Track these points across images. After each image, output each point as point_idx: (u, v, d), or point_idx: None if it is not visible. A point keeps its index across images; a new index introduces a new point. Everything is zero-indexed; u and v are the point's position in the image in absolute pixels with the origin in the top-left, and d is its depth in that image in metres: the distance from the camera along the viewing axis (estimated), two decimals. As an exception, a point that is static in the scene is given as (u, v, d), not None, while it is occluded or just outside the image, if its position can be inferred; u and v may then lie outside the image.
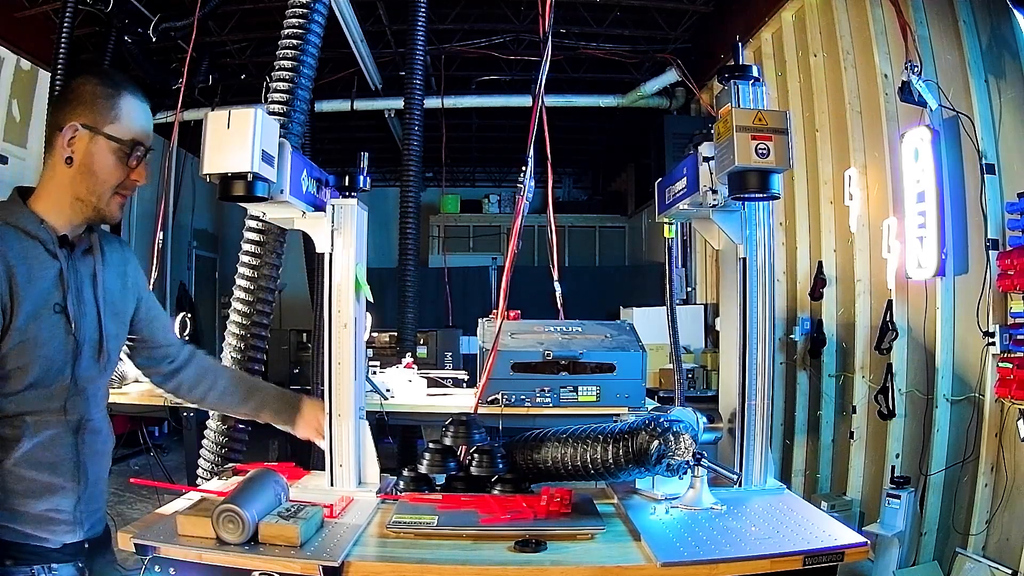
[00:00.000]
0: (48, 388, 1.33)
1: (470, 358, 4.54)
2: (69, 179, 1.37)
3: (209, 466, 3.17)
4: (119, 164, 1.39)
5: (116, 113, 1.38)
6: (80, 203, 1.38)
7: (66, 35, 5.34)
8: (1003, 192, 3.27)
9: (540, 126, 2.66)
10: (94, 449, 1.42)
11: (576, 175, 12.33)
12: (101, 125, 1.37)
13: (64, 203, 1.38)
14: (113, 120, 1.38)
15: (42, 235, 1.34)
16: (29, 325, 1.29)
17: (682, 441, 1.72)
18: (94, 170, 1.37)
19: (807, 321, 4.73)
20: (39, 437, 1.32)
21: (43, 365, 1.31)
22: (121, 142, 1.39)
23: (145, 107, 1.44)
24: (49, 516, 1.34)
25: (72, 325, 1.35)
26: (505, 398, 3.14)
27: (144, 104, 1.44)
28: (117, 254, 1.52)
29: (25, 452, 1.30)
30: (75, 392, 1.37)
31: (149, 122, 1.45)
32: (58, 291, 1.34)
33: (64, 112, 1.37)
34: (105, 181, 1.39)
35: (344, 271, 1.89)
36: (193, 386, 1.76)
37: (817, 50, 4.68)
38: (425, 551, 1.51)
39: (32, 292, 1.30)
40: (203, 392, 1.78)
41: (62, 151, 1.37)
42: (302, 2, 3.25)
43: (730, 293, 2.05)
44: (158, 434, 6.27)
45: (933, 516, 3.53)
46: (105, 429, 1.46)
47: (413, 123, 5.34)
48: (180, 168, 7.43)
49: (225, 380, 1.84)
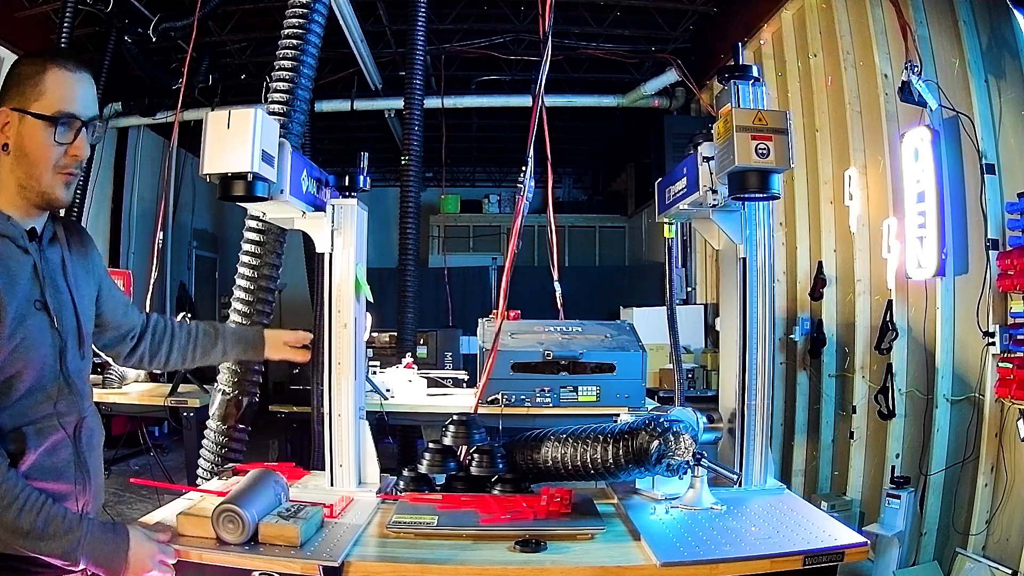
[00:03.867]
0: (45, 391, 1.30)
1: (470, 358, 4.53)
2: (10, 167, 1.31)
3: (209, 466, 3.18)
4: (50, 142, 1.31)
5: (41, 89, 1.30)
6: (24, 190, 1.32)
7: (66, 35, 5.33)
8: (1003, 192, 3.27)
9: (540, 126, 2.66)
10: (91, 445, 1.40)
11: (576, 175, 12.33)
12: (28, 104, 1.30)
13: (14, 194, 1.32)
14: (39, 96, 1.30)
15: (10, 231, 1.29)
16: (17, 329, 1.25)
17: (682, 441, 1.72)
18: (27, 152, 1.30)
19: (807, 321, 4.73)
20: (42, 445, 1.29)
21: (36, 367, 1.28)
22: (47, 118, 1.30)
23: (79, 76, 1.35)
24: None
25: (54, 320, 1.32)
26: (505, 398, 3.14)
27: (77, 74, 1.34)
28: (77, 239, 1.47)
29: (32, 464, 1.27)
30: (67, 389, 1.34)
31: (86, 91, 1.36)
32: (36, 287, 1.31)
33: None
34: (40, 161, 1.31)
35: (344, 271, 1.89)
36: (154, 353, 1.71)
37: (817, 50, 4.68)
38: (425, 551, 1.51)
39: (16, 293, 1.26)
40: (164, 356, 1.73)
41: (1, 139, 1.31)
42: (302, 2, 3.25)
43: (730, 293, 2.05)
44: (158, 434, 6.27)
45: (933, 516, 3.53)
46: (96, 423, 1.44)
47: (413, 123, 5.34)
48: (180, 168, 7.45)
49: (182, 338, 1.77)
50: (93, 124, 1.38)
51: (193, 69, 6.39)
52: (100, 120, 1.41)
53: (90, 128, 1.37)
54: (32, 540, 1.23)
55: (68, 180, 1.36)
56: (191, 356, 1.78)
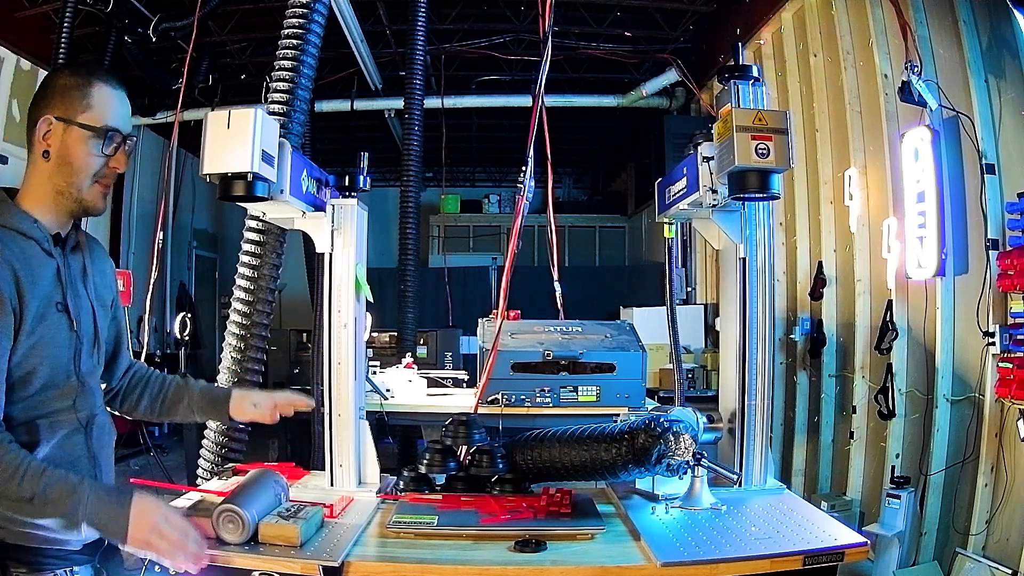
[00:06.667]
0: (59, 388, 1.34)
1: (470, 358, 4.53)
2: (48, 173, 1.36)
3: (209, 466, 3.17)
4: (96, 152, 1.38)
5: (88, 102, 1.37)
6: (61, 196, 1.37)
7: (66, 35, 5.33)
8: (1003, 192, 3.27)
9: (540, 126, 2.66)
10: (102, 443, 1.44)
11: (576, 175, 12.33)
12: (74, 115, 1.36)
13: (48, 199, 1.37)
14: (86, 109, 1.36)
15: (36, 234, 1.34)
16: (36, 327, 1.29)
17: (682, 441, 1.72)
18: (71, 160, 1.36)
19: (807, 321, 4.73)
20: (55, 438, 1.33)
21: (52, 365, 1.32)
22: (95, 130, 1.37)
23: (120, 95, 1.42)
24: None
25: (74, 323, 1.36)
26: (505, 398, 3.14)
27: (119, 92, 1.42)
28: (98, 251, 1.53)
29: (45, 456, 1.30)
30: (81, 389, 1.38)
31: (125, 109, 1.43)
32: (58, 289, 1.35)
33: (39, 108, 1.37)
34: (83, 170, 1.37)
35: (344, 271, 1.89)
36: (127, 394, 1.67)
37: (817, 50, 4.68)
38: (425, 551, 1.51)
39: (36, 293, 1.30)
40: (134, 401, 1.68)
41: (39, 146, 1.36)
42: (302, 2, 3.25)
43: (730, 293, 2.05)
44: (158, 434, 6.28)
45: (933, 516, 3.53)
46: (108, 423, 1.48)
47: (413, 123, 5.34)
48: (180, 168, 7.45)
49: (154, 388, 1.71)
50: (130, 139, 1.44)
51: (193, 69, 6.39)
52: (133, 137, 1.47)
53: (128, 144, 1.44)
54: (36, 506, 1.22)
55: (105, 191, 1.42)
56: (158, 409, 1.72)
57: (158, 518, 1.31)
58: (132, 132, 1.45)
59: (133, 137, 1.46)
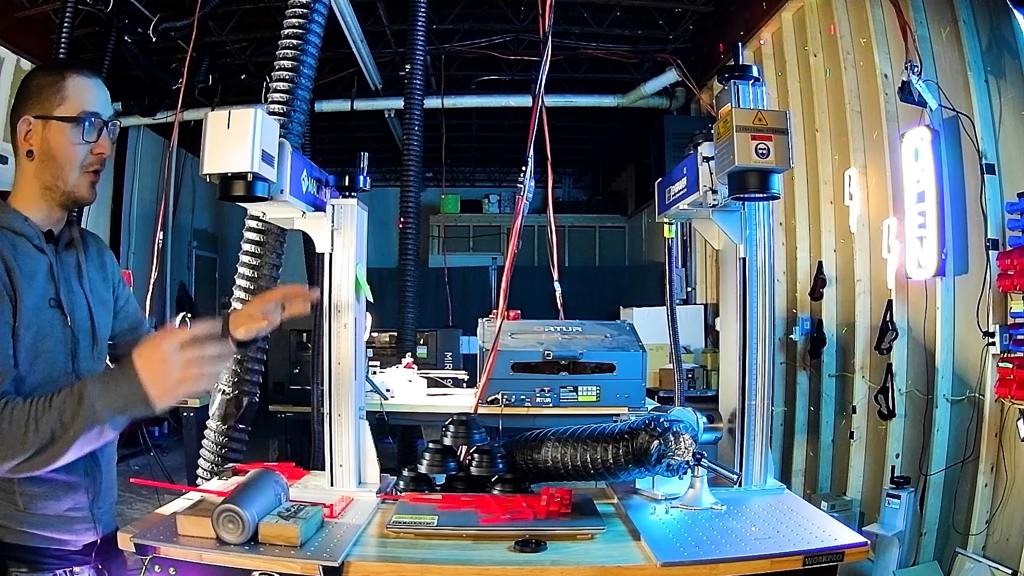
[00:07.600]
0: (56, 384, 1.31)
1: (470, 358, 4.53)
2: (34, 172, 1.37)
3: (209, 466, 3.17)
4: (77, 141, 1.38)
5: (63, 95, 1.37)
6: (49, 191, 1.38)
7: (66, 35, 5.33)
8: (1003, 192, 3.27)
9: (540, 126, 2.66)
10: None
11: (576, 175, 12.34)
12: (51, 111, 1.36)
13: (37, 196, 1.38)
14: (61, 102, 1.37)
15: (28, 231, 1.35)
16: (31, 324, 1.29)
17: (682, 441, 1.72)
18: (54, 155, 1.36)
19: (807, 321, 4.73)
20: None
21: (48, 362, 1.32)
22: (73, 119, 1.37)
23: (95, 81, 1.42)
24: (70, 516, 1.35)
25: (67, 318, 1.36)
26: (505, 398, 3.14)
27: (93, 79, 1.42)
28: (94, 247, 1.53)
29: None
30: None
31: (103, 93, 1.43)
32: (51, 285, 1.35)
33: (18, 111, 1.38)
34: (68, 162, 1.37)
35: (344, 271, 1.89)
36: None
37: (817, 50, 4.68)
38: (425, 551, 1.50)
39: (30, 289, 1.30)
40: None
41: (23, 147, 1.37)
42: (302, 2, 3.25)
43: (730, 293, 2.05)
44: (158, 434, 6.28)
45: (933, 516, 3.53)
46: None
47: (413, 123, 5.34)
48: (180, 168, 7.44)
49: None
50: (112, 124, 1.44)
51: (193, 69, 6.38)
52: (115, 121, 1.46)
53: (110, 128, 1.43)
54: (62, 438, 1.16)
55: (93, 179, 1.42)
56: None
57: (164, 355, 1.19)
58: (112, 115, 1.44)
59: (116, 121, 1.45)
